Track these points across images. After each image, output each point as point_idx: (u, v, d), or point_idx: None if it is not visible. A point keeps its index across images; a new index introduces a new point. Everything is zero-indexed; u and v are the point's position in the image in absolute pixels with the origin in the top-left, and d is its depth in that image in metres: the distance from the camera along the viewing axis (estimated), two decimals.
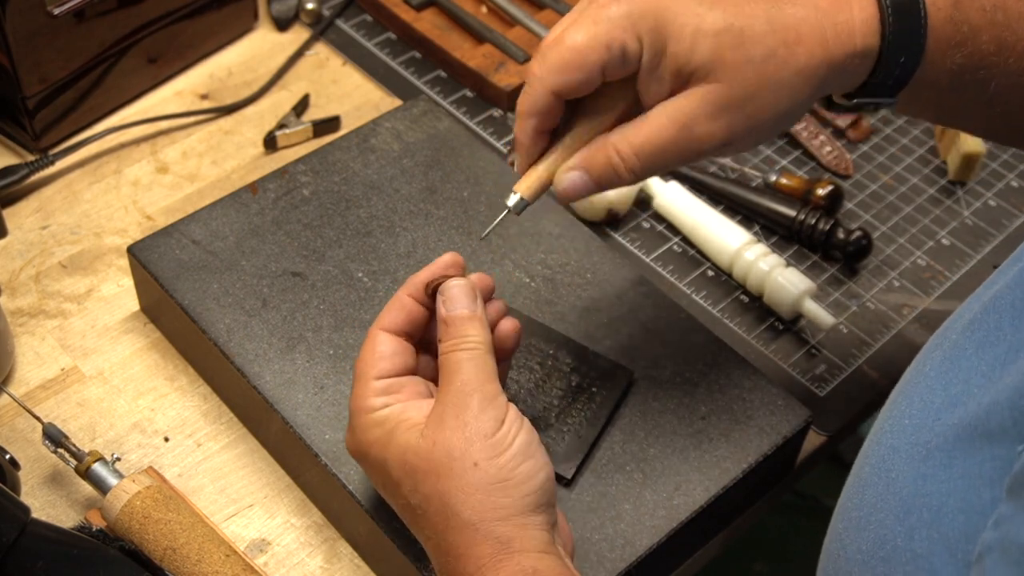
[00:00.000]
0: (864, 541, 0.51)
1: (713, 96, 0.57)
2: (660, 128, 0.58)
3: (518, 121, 0.61)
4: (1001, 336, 0.48)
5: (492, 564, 0.55)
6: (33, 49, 0.86)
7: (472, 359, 0.59)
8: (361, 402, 0.60)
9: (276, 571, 0.70)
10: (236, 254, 0.78)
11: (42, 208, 0.89)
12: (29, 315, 0.82)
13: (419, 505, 0.57)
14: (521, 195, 0.62)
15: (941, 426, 0.48)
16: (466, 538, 0.55)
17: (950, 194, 0.95)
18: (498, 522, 0.56)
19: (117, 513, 0.67)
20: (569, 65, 0.57)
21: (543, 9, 1.04)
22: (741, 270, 0.85)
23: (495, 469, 0.56)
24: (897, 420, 0.52)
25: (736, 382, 0.73)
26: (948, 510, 0.46)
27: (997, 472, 0.44)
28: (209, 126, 0.96)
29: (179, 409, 0.77)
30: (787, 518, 1.28)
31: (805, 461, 0.78)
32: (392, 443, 0.58)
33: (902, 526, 0.48)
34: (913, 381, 0.53)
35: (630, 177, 0.60)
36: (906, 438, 0.50)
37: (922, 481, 0.48)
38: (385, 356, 0.61)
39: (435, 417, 0.58)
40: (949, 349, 0.51)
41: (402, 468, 0.58)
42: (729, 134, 0.58)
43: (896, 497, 0.49)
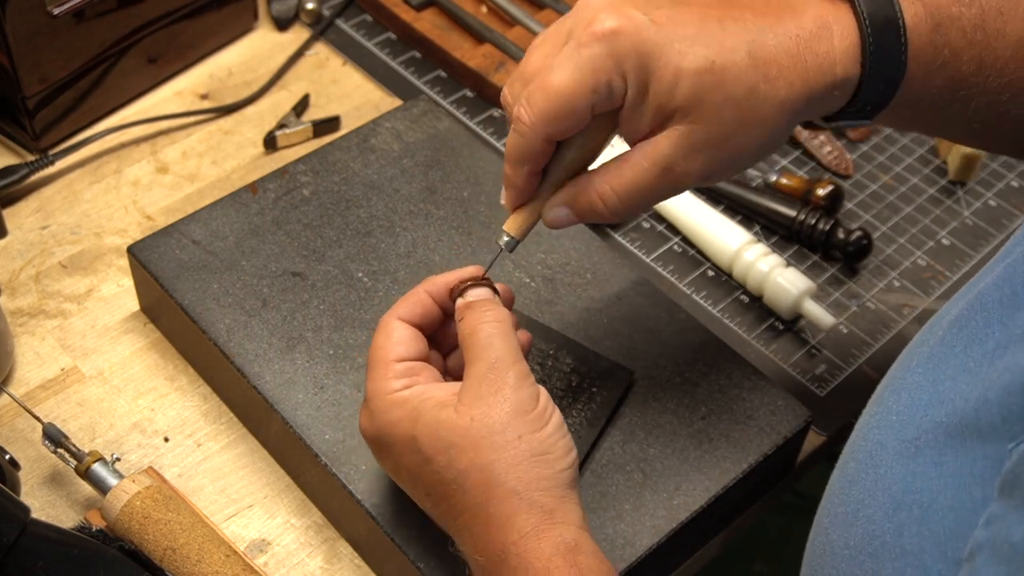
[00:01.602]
0: (852, 536, 0.51)
1: (693, 136, 0.58)
2: (641, 170, 0.59)
3: (509, 165, 0.61)
4: (989, 333, 0.48)
5: (535, 533, 0.56)
6: (33, 49, 0.86)
7: (501, 335, 0.60)
8: (381, 384, 0.60)
9: (276, 571, 0.70)
10: (236, 254, 0.78)
11: (42, 208, 0.89)
12: (29, 315, 0.82)
13: (454, 479, 0.57)
14: (512, 234, 0.63)
15: (929, 423, 0.48)
16: (509, 507, 0.56)
17: (950, 194, 0.95)
18: (541, 492, 0.57)
19: (117, 513, 0.67)
20: (560, 113, 0.58)
21: (543, 9, 1.04)
22: (741, 270, 0.85)
23: (537, 442, 0.57)
24: (884, 416, 0.52)
25: (736, 382, 0.73)
26: (938, 507, 0.46)
27: (988, 471, 0.44)
28: (209, 126, 0.96)
29: (179, 409, 0.77)
30: (787, 518, 1.28)
31: (805, 461, 0.78)
32: (421, 420, 0.58)
33: (891, 522, 0.48)
34: (900, 377, 0.53)
35: (612, 216, 0.61)
36: (894, 434, 0.50)
37: (911, 478, 0.48)
38: (402, 341, 0.61)
39: (469, 393, 0.58)
40: (935, 345, 0.51)
41: (435, 444, 0.58)
42: (708, 171, 0.59)
43: (885, 493, 0.49)
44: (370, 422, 0.61)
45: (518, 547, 0.55)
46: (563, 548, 0.55)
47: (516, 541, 0.56)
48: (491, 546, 0.56)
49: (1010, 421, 0.43)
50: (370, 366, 0.62)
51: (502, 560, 0.56)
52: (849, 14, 0.58)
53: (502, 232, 0.63)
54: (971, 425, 0.45)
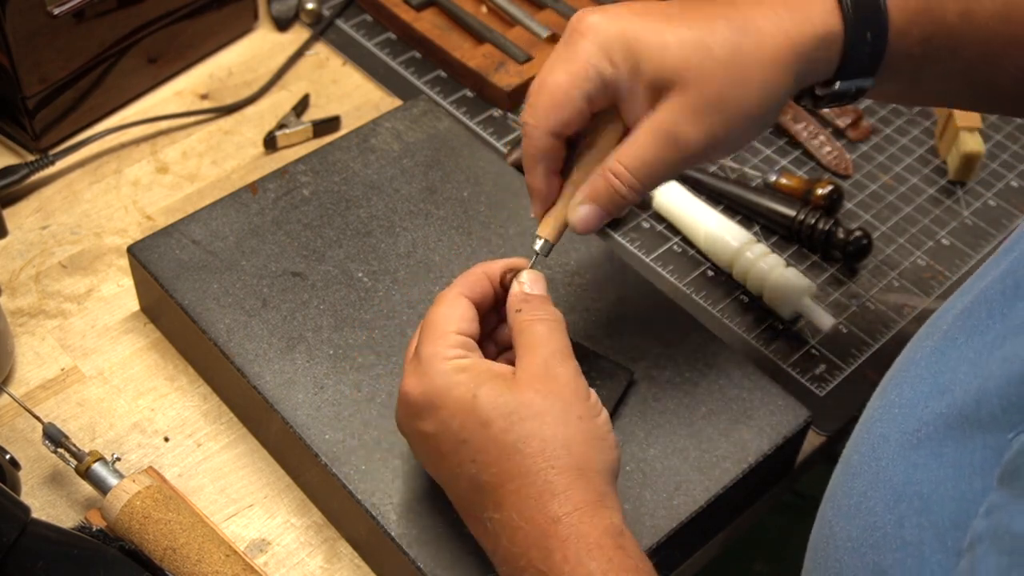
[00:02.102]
0: (854, 528, 0.51)
1: (688, 101, 0.60)
2: (645, 144, 0.61)
3: (527, 171, 0.64)
4: (990, 324, 0.48)
5: (590, 509, 0.56)
6: (33, 49, 0.86)
7: (558, 331, 0.62)
8: (441, 350, 0.60)
9: (276, 571, 0.70)
10: (236, 254, 0.78)
11: (42, 208, 0.89)
12: (29, 315, 0.82)
13: (513, 444, 0.57)
14: (546, 239, 0.65)
15: (930, 414, 0.48)
16: (568, 480, 0.57)
17: (950, 194, 0.95)
18: (597, 474, 0.58)
19: (117, 513, 0.67)
20: (557, 104, 0.61)
21: (543, 9, 1.04)
22: (741, 270, 0.85)
23: (595, 427, 0.59)
24: (887, 409, 0.52)
25: (736, 382, 0.73)
26: (938, 498, 0.46)
27: (988, 461, 0.44)
28: (209, 126, 0.96)
29: (179, 409, 0.77)
30: (787, 518, 1.28)
31: (805, 461, 0.78)
32: (485, 385, 0.59)
33: (892, 514, 0.48)
34: (903, 370, 0.54)
35: (633, 195, 0.62)
36: (896, 426, 0.51)
37: (912, 469, 0.48)
38: (465, 317, 0.62)
39: (528, 375, 0.59)
40: (939, 339, 0.51)
41: (498, 408, 0.58)
42: (710, 135, 0.61)
43: (886, 485, 0.49)
44: (421, 382, 0.60)
45: (571, 518, 0.56)
46: (612, 530, 0.56)
47: (570, 512, 0.56)
48: (541, 515, 0.56)
49: (1010, 411, 0.43)
50: (428, 333, 0.62)
51: (551, 529, 0.56)
52: None
53: (536, 237, 0.65)
54: (971, 416, 0.45)
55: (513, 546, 0.57)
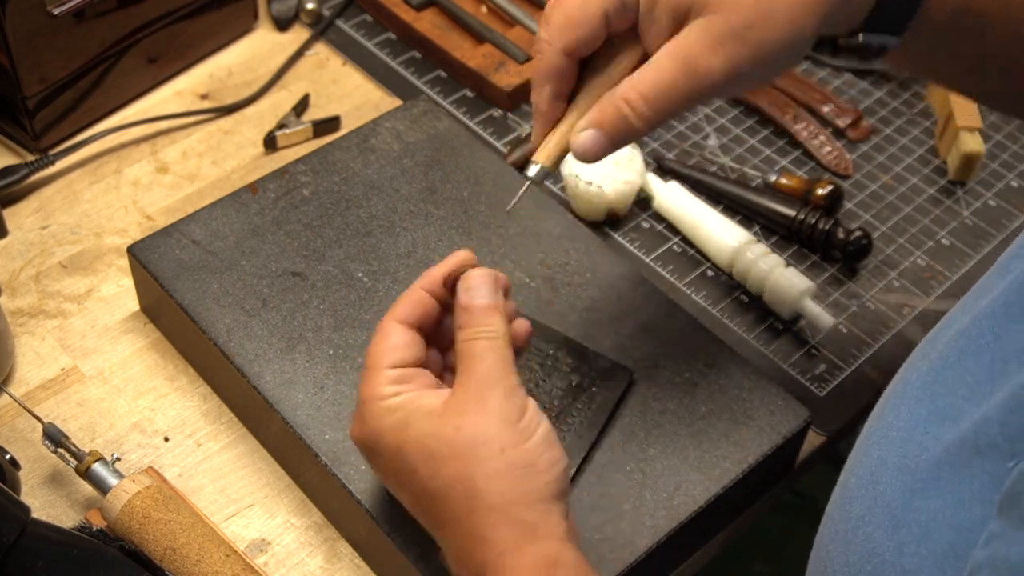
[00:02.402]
0: (852, 554, 0.50)
1: (712, 28, 0.57)
2: (663, 69, 0.58)
3: (534, 90, 0.61)
4: (984, 345, 0.47)
5: (515, 548, 0.55)
6: (33, 49, 0.86)
7: (494, 348, 0.59)
8: (374, 390, 0.59)
9: (276, 571, 0.70)
10: (236, 254, 0.78)
11: (42, 208, 0.89)
12: (29, 315, 0.82)
13: (438, 490, 0.57)
14: (542, 164, 0.61)
15: (929, 440, 0.47)
16: (491, 521, 0.55)
17: (950, 194, 0.95)
18: (523, 507, 0.56)
19: (117, 513, 0.67)
20: (573, 21, 0.58)
21: (543, 9, 1.04)
22: (741, 270, 0.85)
23: (520, 455, 0.56)
24: (885, 432, 0.51)
25: (736, 382, 0.73)
26: (938, 526, 0.45)
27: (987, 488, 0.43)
28: (209, 126, 0.96)
29: (179, 409, 0.77)
30: (787, 518, 1.28)
31: (805, 461, 0.78)
32: (409, 428, 0.58)
33: (891, 540, 0.47)
34: (900, 392, 0.53)
35: (642, 125, 0.59)
36: (894, 450, 0.50)
37: (911, 495, 0.47)
38: (398, 347, 0.60)
39: (457, 404, 0.58)
40: (936, 360, 0.51)
41: (421, 453, 0.57)
42: (732, 66, 0.57)
43: (885, 510, 0.49)
44: (361, 428, 0.60)
45: (497, 564, 0.55)
46: (543, 563, 0.55)
47: (495, 557, 0.55)
48: (471, 560, 0.56)
49: (1011, 439, 0.43)
50: (365, 372, 0.61)
51: (482, 573, 0.55)
52: None
53: (530, 163, 0.61)
54: (970, 442, 0.45)
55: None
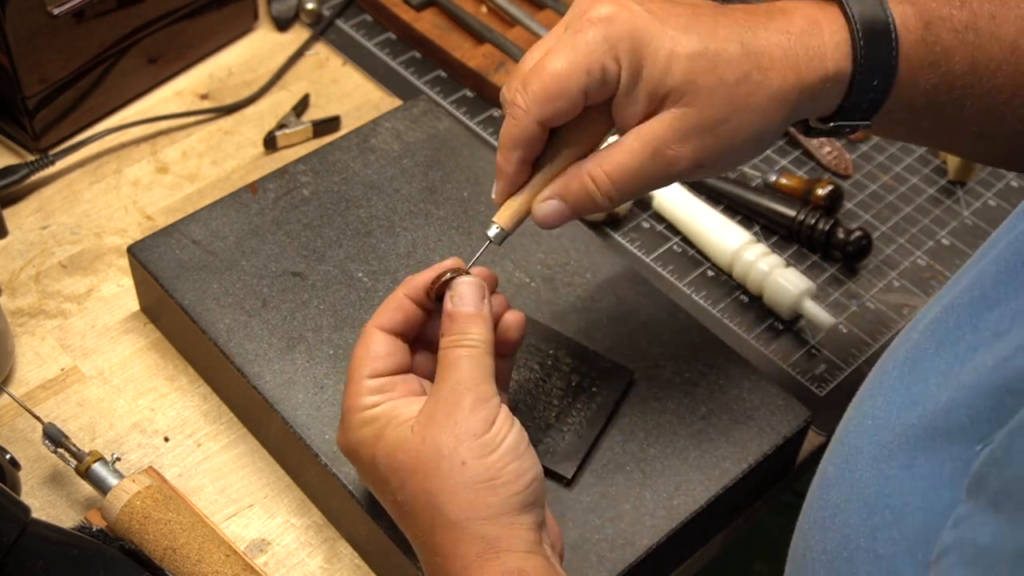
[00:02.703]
0: (828, 541, 0.50)
1: (685, 119, 0.58)
2: (632, 152, 0.59)
3: (502, 152, 0.61)
4: (960, 335, 0.47)
5: (478, 564, 0.55)
6: (33, 49, 0.86)
7: (471, 357, 0.59)
8: (353, 400, 0.60)
9: (276, 571, 0.70)
10: (236, 254, 0.78)
11: (42, 208, 0.89)
12: (29, 315, 0.82)
13: (406, 503, 0.57)
14: (501, 226, 0.62)
15: (902, 426, 0.48)
16: (452, 537, 0.56)
17: (950, 194, 0.95)
18: (484, 521, 0.56)
19: (117, 513, 0.67)
20: (552, 94, 0.58)
21: (543, 9, 1.04)
22: (741, 270, 0.85)
23: (483, 468, 0.56)
24: (860, 420, 0.52)
25: (736, 382, 0.73)
26: (910, 511, 0.45)
27: (957, 472, 0.43)
28: (209, 126, 0.96)
29: (179, 409, 0.77)
30: (787, 518, 1.28)
31: (805, 461, 0.78)
32: (381, 440, 0.58)
33: (865, 526, 0.48)
34: (876, 382, 0.53)
35: (606, 203, 0.60)
36: (868, 438, 0.50)
37: (884, 481, 0.47)
38: (379, 356, 0.60)
39: (426, 414, 0.58)
40: (910, 349, 0.51)
41: (390, 465, 0.58)
42: (700, 157, 0.59)
43: (859, 498, 0.49)
44: (344, 437, 0.61)
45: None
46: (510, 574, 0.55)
47: (460, 572, 0.55)
48: (440, 572, 0.57)
49: (978, 422, 0.43)
50: (347, 380, 0.61)
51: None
52: (838, 13, 0.59)
53: (491, 223, 0.62)
54: (941, 427, 0.45)
55: None
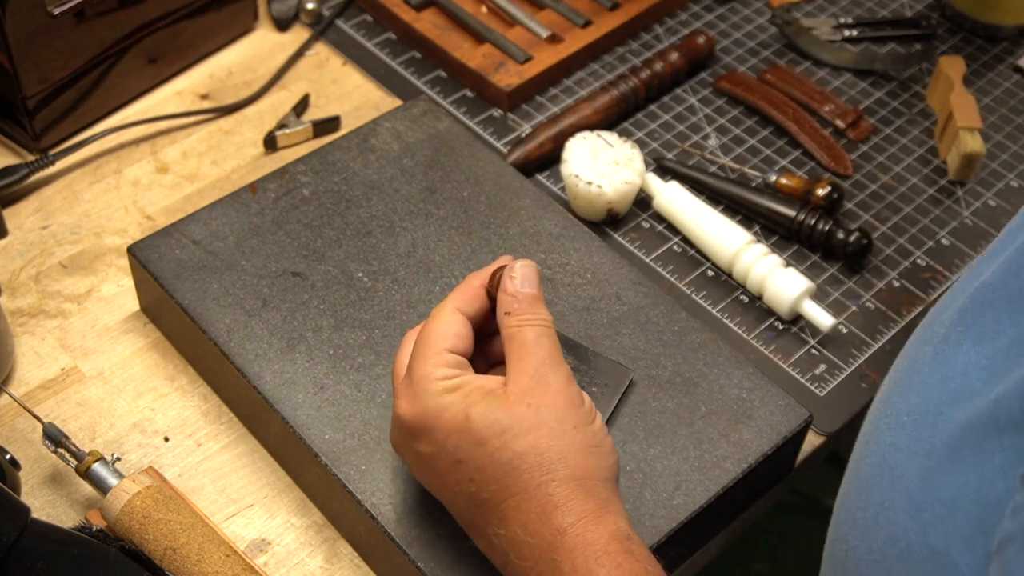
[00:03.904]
0: (875, 541, 0.51)
1: None
2: None
3: None
4: (1000, 330, 0.48)
5: (594, 517, 0.56)
6: (33, 49, 0.86)
7: (549, 335, 0.61)
8: (430, 370, 0.60)
9: (276, 571, 0.70)
10: (236, 254, 0.78)
11: (42, 208, 0.89)
12: (29, 315, 0.82)
13: (509, 461, 0.57)
14: None
15: (944, 421, 0.48)
16: (569, 491, 0.56)
17: (950, 194, 0.95)
18: (598, 482, 0.57)
19: (117, 513, 0.67)
20: None
21: (543, 9, 1.04)
22: (741, 270, 0.85)
23: (590, 435, 0.58)
24: (895, 417, 0.52)
25: (736, 382, 0.73)
26: (962, 503, 0.46)
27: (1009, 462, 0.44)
28: (209, 126, 0.96)
29: (179, 409, 0.77)
30: (787, 518, 1.28)
31: (805, 461, 0.78)
32: (476, 404, 0.58)
33: (915, 523, 0.48)
34: (906, 378, 0.53)
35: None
36: (906, 434, 0.50)
37: (931, 476, 0.48)
38: (460, 335, 0.61)
39: (520, 384, 0.59)
40: (939, 344, 0.51)
41: (490, 426, 0.57)
42: None
43: (904, 495, 0.49)
44: (413, 404, 0.60)
45: (576, 528, 0.55)
46: (619, 535, 0.56)
47: (574, 523, 0.56)
48: (546, 527, 0.56)
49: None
50: (419, 351, 0.61)
51: (557, 541, 0.56)
52: None
53: None
54: (989, 420, 0.45)
55: (521, 560, 0.57)
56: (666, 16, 1.08)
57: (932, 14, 1.09)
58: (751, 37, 1.07)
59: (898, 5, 1.11)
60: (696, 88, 1.02)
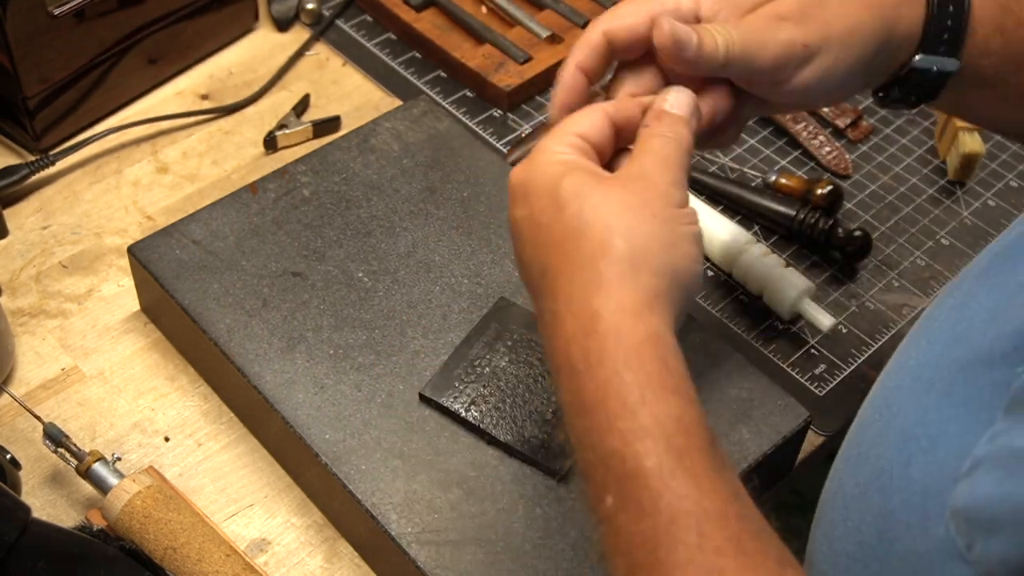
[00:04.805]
0: (862, 474, 0.51)
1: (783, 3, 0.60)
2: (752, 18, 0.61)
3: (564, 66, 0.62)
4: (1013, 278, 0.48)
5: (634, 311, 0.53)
6: (33, 49, 0.86)
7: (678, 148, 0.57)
8: (552, 143, 0.58)
9: (276, 571, 0.70)
10: (236, 254, 0.78)
11: (43, 208, 0.89)
12: (30, 315, 0.82)
13: (578, 228, 0.55)
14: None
15: (944, 360, 0.48)
16: (617, 272, 0.53)
17: (950, 194, 0.95)
18: (652, 273, 0.53)
19: (118, 513, 0.67)
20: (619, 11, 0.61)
21: (543, 9, 1.04)
22: (741, 270, 0.85)
23: (670, 230, 0.55)
24: (903, 362, 0.52)
25: (736, 382, 0.73)
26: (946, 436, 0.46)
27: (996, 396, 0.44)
28: (209, 126, 0.96)
29: (179, 409, 0.77)
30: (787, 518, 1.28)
31: (805, 461, 0.78)
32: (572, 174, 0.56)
33: (900, 454, 0.48)
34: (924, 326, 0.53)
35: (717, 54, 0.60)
36: (910, 375, 0.51)
37: (922, 412, 0.48)
38: (595, 127, 0.59)
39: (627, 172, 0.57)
40: (960, 296, 0.51)
41: (575, 194, 0.55)
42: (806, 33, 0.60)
43: (895, 430, 0.49)
44: (524, 169, 0.58)
45: (613, 316, 0.52)
46: (655, 339, 0.52)
47: (613, 310, 0.52)
48: (585, 307, 0.53)
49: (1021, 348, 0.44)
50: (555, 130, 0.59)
51: (591, 324, 0.52)
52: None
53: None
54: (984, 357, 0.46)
55: (558, 339, 0.54)
56: None
57: None
58: None
59: None
60: None
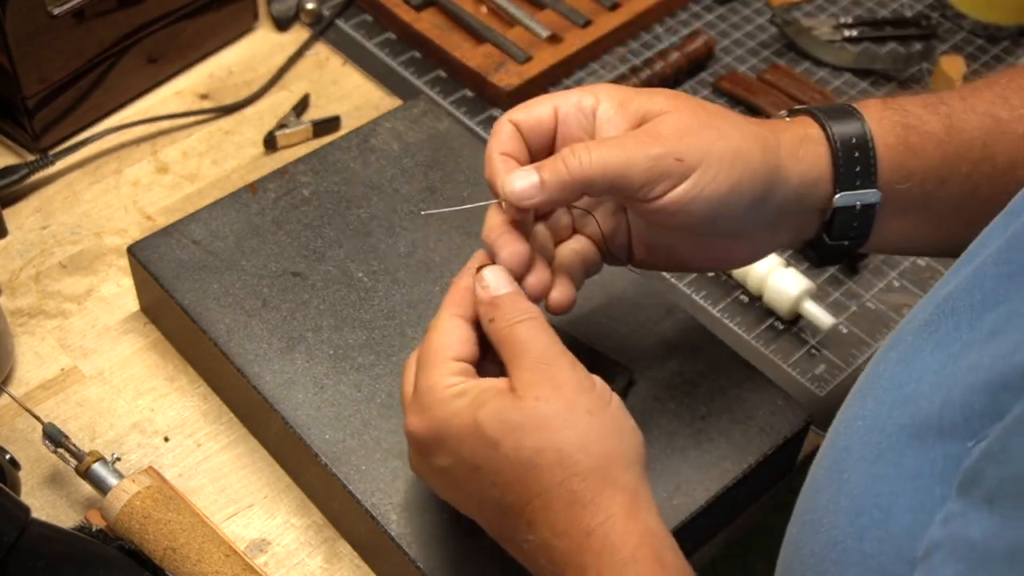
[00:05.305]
0: (817, 544, 0.50)
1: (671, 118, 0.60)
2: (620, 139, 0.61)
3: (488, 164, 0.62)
4: (957, 336, 0.47)
5: (622, 515, 0.53)
6: (33, 49, 0.86)
7: (541, 326, 0.58)
8: (438, 379, 0.57)
9: (276, 571, 0.70)
10: (236, 254, 0.78)
11: (42, 208, 0.89)
12: (29, 315, 0.82)
13: (528, 460, 0.54)
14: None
15: (893, 425, 0.47)
16: (594, 486, 0.54)
17: None
18: (621, 469, 0.54)
19: (117, 513, 0.67)
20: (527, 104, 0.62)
21: (543, 9, 1.04)
22: (741, 270, 0.85)
23: (608, 418, 0.56)
24: (851, 422, 0.51)
25: (736, 382, 0.73)
26: (898, 509, 0.45)
27: (948, 470, 0.43)
28: (209, 126, 0.96)
29: (179, 409, 0.77)
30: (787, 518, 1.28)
31: (805, 461, 0.78)
32: (484, 406, 0.56)
33: (853, 527, 0.47)
34: (867, 383, 0.52)
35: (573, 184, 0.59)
36: (858, 438, 0.49)
37: (873, 481, 0.47)
38: (463, 340, 0.59)
39: (524, 380, 0.56)
40: (904, 351, 0.50)
41: (501, 427, 0.55)
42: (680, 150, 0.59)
43: (848, 498, 0.48)
44: (422, 417, 0.58)
45: (604, 528, 0.53)
46: (649, 537, 0.53)
47: (603, 523, 0.53)
48: (574, 527, 0.53)
49: (971, 420, 0.42)
50: (423, 364, 0.59)
51: (585, 543, 0.53)
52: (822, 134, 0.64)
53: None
54: (934, 425, 0.44)
55: (552, 564, 0.55)
56: (666, 16, 1.08)
57: (932, 14, 1.09)
58: (751, 37, 1.07)
59: (898, 5, 1.11)
60: (696, 88, 1.02)
